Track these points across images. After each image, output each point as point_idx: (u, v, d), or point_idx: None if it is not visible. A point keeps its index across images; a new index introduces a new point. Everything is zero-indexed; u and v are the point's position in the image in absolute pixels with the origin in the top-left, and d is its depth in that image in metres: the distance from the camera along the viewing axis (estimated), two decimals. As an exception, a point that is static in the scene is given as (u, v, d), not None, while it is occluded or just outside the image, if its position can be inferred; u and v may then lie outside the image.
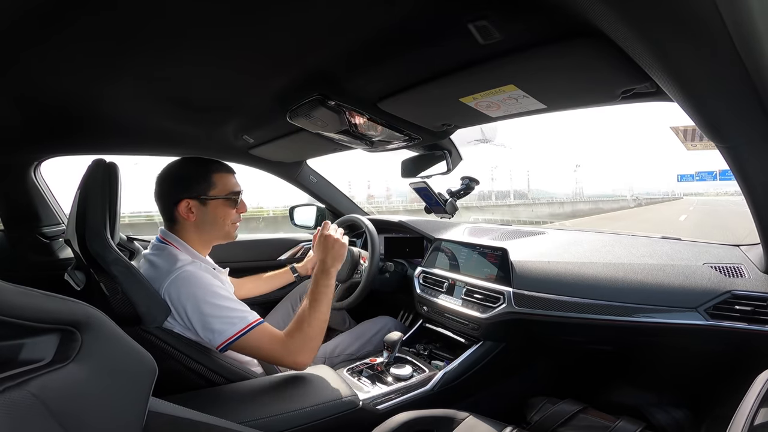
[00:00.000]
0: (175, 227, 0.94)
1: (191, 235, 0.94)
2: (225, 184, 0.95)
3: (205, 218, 0.93)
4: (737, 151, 0.64)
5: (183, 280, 0.83)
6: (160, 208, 0.94)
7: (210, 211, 0.93)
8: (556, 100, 0.76)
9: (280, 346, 0.85)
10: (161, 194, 0.93)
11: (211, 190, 0.93)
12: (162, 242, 0.92)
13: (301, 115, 0.92)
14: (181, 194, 0.91)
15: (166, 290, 0.83)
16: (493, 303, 1.09)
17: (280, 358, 0.85)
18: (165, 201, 0.93)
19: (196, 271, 0.85)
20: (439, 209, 1.37)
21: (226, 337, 0.81)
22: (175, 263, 0.85)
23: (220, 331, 0.81)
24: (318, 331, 0.89)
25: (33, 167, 1.42)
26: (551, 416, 0.97)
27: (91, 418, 0.39)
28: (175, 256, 0.88)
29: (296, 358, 0.86)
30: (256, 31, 0.62)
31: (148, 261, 0.90)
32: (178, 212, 0.92)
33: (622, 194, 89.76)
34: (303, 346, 0.86)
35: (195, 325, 0.82)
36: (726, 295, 0.84)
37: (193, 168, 0.94)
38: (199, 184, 0.92)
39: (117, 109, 0.99)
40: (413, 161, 1.34)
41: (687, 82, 0.52)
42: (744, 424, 0.44)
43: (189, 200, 0.91)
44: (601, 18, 0.45)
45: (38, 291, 0.37)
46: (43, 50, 0.66)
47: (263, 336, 0.84)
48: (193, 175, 0.93)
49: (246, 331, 0.82)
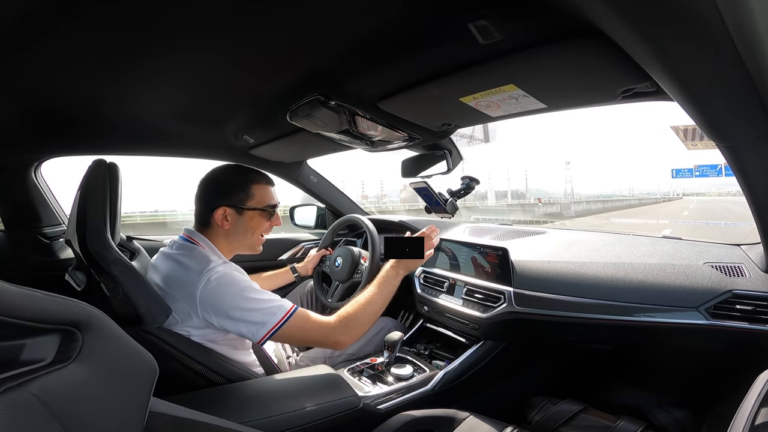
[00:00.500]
0: (205, 231, 0.94)
1: (220, 241, 0.95)
2: (263, 195, 0.96)
3: (238, 227, 0.94)
4: (738, 151, 0.64)
5: (219, 280, 0.83)
6: (197, 210, 0.95)
7: (245, 221, 0.94)
8: (556, 99, 0.76)
9: (322, 327, 0.87)
10: (200, 198, 0.95)
11: (249, 201, 0.94)
12: (189, 241, 0.92)
13: (301, 115, 0.92)
14: (219, 201, 0.92)
15: (202, 291, 0.82)
16: (494, 303, 1.09)
17: (323, 339, 0.88)
18: (203, 205, 0.94)
19: (230, 271, 0.86)
20: (440, 209, 1.36)
21: (269, 328, 0.82)
22: (208, 264, 0.85)
23: (263, 322, 0.82)
24: (369, 318, 0.93)
25: (33, 167, 1.42)
26: (552, 416, 0.97)
27: (92, 419, 0.39)
28: (207, 256, 0.88)
29: (339, 338, 0.88)
30: (257, 32, 0.62)
31: (176, 260, 0.89)
32: (213, 218, 0.92)
33: (623, 194, 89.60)
34: (350, 329, 0.90)
35: (236, 321, 0.82)
36: (727, 295, 0.84)
37: (234, 176, 0.95)
38: (238, 194, 0.93)
39: (117, 109, 0.99)
40: (413, 161, 1.34)
41: (687, 81, 0.52)
42: (745, 423, 0.44)
43: (226, 208, 0.92)
44: (602, 18, 0.45)
45: (39, 291, 0.37)
46: (43, 51, 0.66)
47: (303, 320, 0.86)
48: (233, 184, 0.94)
49: (287, 318, 0.84)
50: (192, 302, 0.83)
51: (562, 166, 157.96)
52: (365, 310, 0.93)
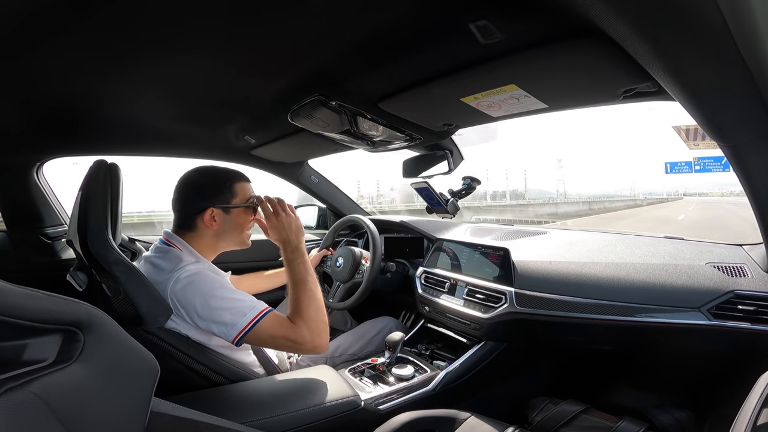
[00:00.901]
0: (186, 233, 0.94)
1: (206, 241, 0.95)
2: (244, 192, 0.97)
3: (226, 226, 0.94)
4: (740, 151, 0.64)
5: (189, 279, 0.83)
6: (179, 214, 0.95)
7: (232, 219, 0.95)
8: (557, 99, 0.76)
9: (294, 333, 0.85)
10: (181, 201, 0.94)
11: (234, 199, 0.95)
12: (166, 244, 0.93)
13: (302, 115, 0.92)
14: (204, 203, 0.92)
15: (171, 290, 0.83)
16: (495, 303, 1.09)
17: (298, 344, 0.85)
18: (187, 209, 0.93)
19: (200, 270, 0.86)
20: (441, 209, 1.37)
21: (240, 329, 0.81)
22: (179, 263, 0.86)
23: (232, 323, 0.81)
24: (315, 309, 0.89)
25: (35, 168, 1.43)
26: (553, 417, 0.97)
27: (94, 419, 0.39)
28: (179, 257, 0.88)
29: (314, 340, 0.86)
30: (257, 32, 0.62)
31: (151, 263, 0.90)
32: (201, 220, 0.92)
33: (624, 194, 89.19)
34: (311, 328, 0.86)
35: (206, 321, 0.82)
36: (729, 295, 0.84)
37: (215, 177, 0.95)
38: (223, 193, 0.94)
39: (119, 110, 0.99)
40: (414, 161, 1.34)
41: (689, 81, 0.52)
42: (747, 424, 0.44)
43: (213, 209, 0.92)
44: (603, 17, 0.45)
45: (41, 292, 0.37)
46: (44, 51, 0.66)
47: (276, 323, 0.84)
48: (217, 185, 0.94)
49: (258, 319, 0.82)
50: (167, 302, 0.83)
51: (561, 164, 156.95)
52: (312, 305, 0.89)
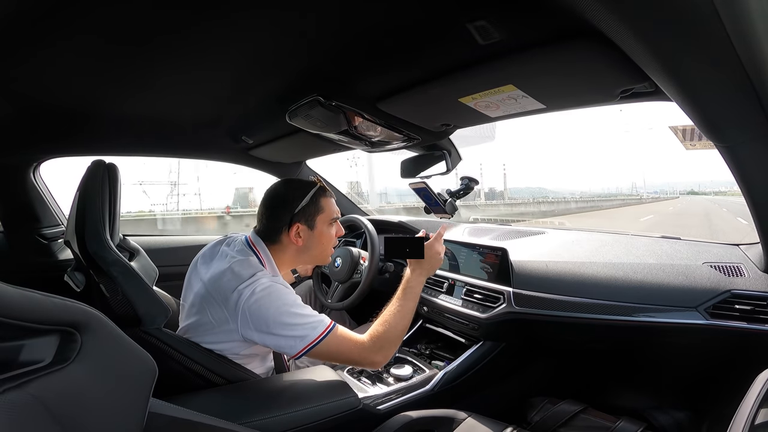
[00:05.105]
0: (271, 245, 0.93)
1: (288, 257, 0.95)
2: (330, 208, 0.96)
3: (310, 242, 0.94)
4: (736, 151, 0.64)
5: (264, 293, 0.82)
6: (265, 227, 0.94)
7: (316, 235, 0.94)
8: (555, 100, 0.77)
9: (357, 347, 0.86)
10: (269, 216, 0.93)
11: (319, 215, 0.94)
12: (250, 247, 0.92)
13: (300, 115, 0.91)
14: (293, 218, 0.91)
15: (245, 303, 0.81)
16: (493, 303, 1.09)
17: (358, 358, 0.87)
18: (275, 223, 0.93)
19: (275, 284, 0.85)
20: (439, 209, 1.36)
21: (307, 342, 0.81)
22: (254, 274, 0.85)
23: (302, 336, 0.81)
24: (400, 333, 0.91)
25: (32, 168, 1.42)
26: (551, 416, 0.97)
27: (91, 419, 0.39)
28: (258, 266, 0.88)
29: (374, 358, 0.87)
30: (255, 32, 0.62)
31: (228, 263, 0.88)
32: (287, 236, 0.92)
33: (625, 193, 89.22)
34: (384, 349, 0.88)
35: (273, 336, 0.81)
36: (726, 295, 0.84)
37: (303, 192, 0.94)
38: (309, 209, 0.93)
39: (117, 110, 0.99)
40: (412, 161, 1.34)
41: (686, 81, 0.52)
42: (744, 423, 0.44)
43: (299, 224, 0.92)
44: (600, 18, 0.45)
45: (38, 292, 0.37)
46: (43, 51, 0.66)
47: (341, 338, 0.85)
48: (304, 199, 0.93)
49: (326, 334, 0.83)
50: (233, 313, 0.82)
51: (561, 164, 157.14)
52: (395, 326, 0.90)
